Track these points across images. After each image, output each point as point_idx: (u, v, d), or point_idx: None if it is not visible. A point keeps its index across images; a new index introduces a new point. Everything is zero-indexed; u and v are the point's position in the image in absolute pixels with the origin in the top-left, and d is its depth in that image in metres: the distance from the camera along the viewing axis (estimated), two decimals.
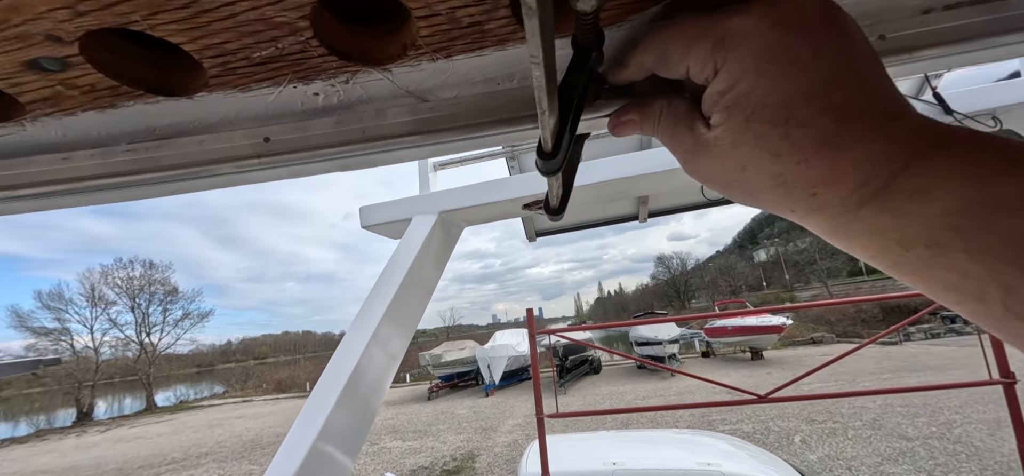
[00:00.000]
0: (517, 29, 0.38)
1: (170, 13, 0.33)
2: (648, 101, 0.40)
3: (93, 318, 43.59)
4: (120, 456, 16.69)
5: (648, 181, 1.60)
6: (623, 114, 0.42)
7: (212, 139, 0.49)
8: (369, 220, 1.67)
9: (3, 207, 0.55)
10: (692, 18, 0.34)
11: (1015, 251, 0.23)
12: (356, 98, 0.47)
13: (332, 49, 0.39)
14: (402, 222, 1.57)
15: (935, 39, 0.41)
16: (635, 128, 0.41)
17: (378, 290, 1.37)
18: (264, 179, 0.54)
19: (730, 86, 0.32)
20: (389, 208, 1.64)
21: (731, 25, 0.31)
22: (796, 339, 28.08)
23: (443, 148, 0.51)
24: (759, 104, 0.31)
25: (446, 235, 1.61)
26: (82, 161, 0.50)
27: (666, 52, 0.35)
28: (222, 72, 0.41)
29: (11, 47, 0.35)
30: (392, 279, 1.37)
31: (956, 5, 0.40)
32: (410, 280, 1.39)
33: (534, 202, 1.53)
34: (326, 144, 0.48)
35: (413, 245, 1.42)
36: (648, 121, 0.40)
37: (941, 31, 0.41)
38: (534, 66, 0.28)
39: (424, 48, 0.40)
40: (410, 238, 1.44)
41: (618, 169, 1.57)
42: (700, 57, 0.32)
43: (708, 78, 0.33)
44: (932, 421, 9.71)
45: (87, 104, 0.44)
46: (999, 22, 0.41)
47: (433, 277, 1.57)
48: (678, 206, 2.44)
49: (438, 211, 1.51)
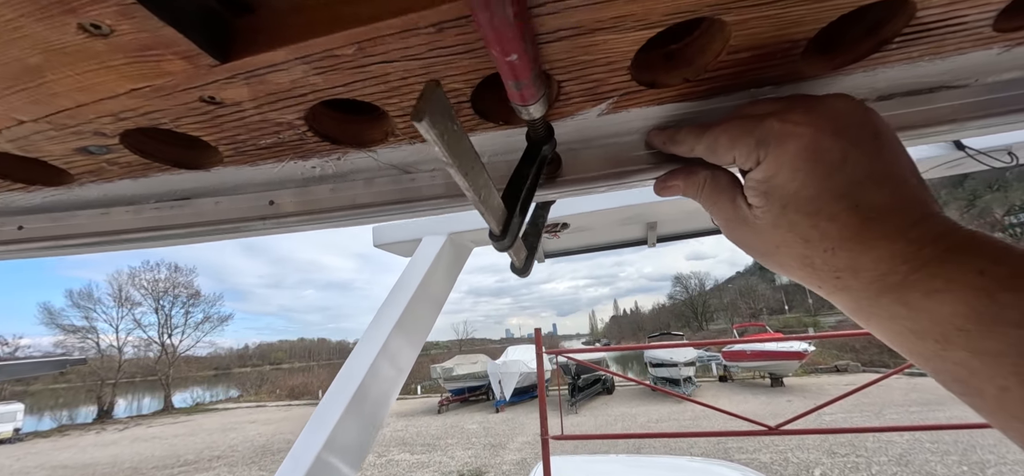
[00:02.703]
0: (481, 121, 0.45)
1: (192, 118, 0.42)
2: (693, 170, 0.45)
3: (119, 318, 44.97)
4: (136, 455, 17.03)
5: (657, 207, 1.59)
6: (669, 179, 0.47)
7: (226, 201, 0.58)
8: (381, 239, 1.71)
9: (54, 252, 0.66)
10: (738, 117, 0.39)
11: (1013, 358, 0.26)
12: (348, 170, 0.54)
13: (325, 136, 0.47)
14: (413, 242, 1.60)
15: (893, 123, 0.44)
16: (678, 192, 0.46)
17: (388, 306, 1.39)
18: (269, 234, 0.64)
19: (768, 177, 0.36)
20: (400, 228, 1.68)
21: (772, 126, 0.35)
22: (819, 366, 27.15)
23: (426, 212, 0.57)
24: (794, 196, 0.35)
25: (455, 254, 1.63)
26: (118, 216, 0.60)
27: (716, 145, 0.40)
28: (234, 153, 0.50)
29: (66, 138, 0.44)
30: (402, 296, 1.40)
31: (889, 96, 0.44)
32: (419, 297, 1.41)
33: None
34: (324, 209, 0.56)
35: (423, 264, 1.45)
36: (692, 188, 0.45)
37: (893, 118, 0.45)
38: (457, 178, 0.32)
39: (402, 135, 0.47)
40: (420, 257, 1.47)
41: (627, 196, 1.57)
42: (744, 151, 0.37)
43: (751, 168, 0.38)
44: (964, 460, 9.21)
45: (123, 174, 0.54)
46: (933, 112, 0.45)
47: (442, 294, 1.59)
48: (687, 232, 2.42)
49: (448, 232, 1.54)
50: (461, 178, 0.32)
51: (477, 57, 0.36)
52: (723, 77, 0.42)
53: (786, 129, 0.35)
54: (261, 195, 0.57)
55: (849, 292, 0.34)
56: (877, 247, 0.32)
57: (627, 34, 0.35)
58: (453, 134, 0.29)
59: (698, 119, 0.45)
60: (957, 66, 0.44)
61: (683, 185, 0.45)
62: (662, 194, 0.47)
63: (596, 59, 0.38)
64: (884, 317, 0.33)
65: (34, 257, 0.67)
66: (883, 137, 0.34)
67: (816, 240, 0.34)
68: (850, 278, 0.33)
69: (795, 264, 0.37)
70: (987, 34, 0.39)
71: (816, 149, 0.34)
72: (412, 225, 1.65)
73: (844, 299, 0.35)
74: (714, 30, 0.38)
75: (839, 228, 0.33)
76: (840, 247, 0.33)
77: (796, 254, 0.36)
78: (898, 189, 0.33)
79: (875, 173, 0.33)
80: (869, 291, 0.33)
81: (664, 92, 0.43)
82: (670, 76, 0.42)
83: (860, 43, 0.40)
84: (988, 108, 0.45)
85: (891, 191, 0.33)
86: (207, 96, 0.38)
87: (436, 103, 0.26)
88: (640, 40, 0.36)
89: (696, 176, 0.44)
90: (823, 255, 0.34)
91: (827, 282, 0.36)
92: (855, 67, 0.42)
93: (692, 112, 0.46)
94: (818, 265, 0.35)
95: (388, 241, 1.69)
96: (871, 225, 0.32)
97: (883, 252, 0.31)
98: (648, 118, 0.47)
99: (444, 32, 0.33)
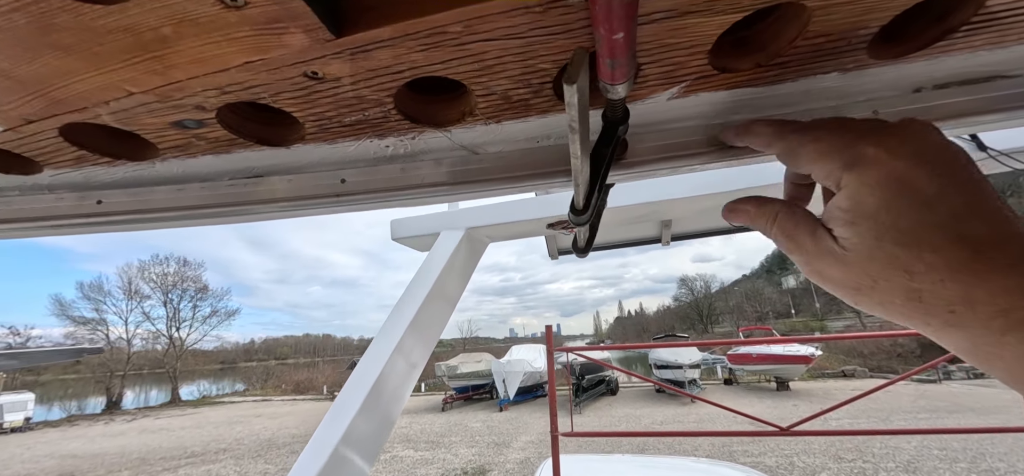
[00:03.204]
0: (556, 103, 0.47)
1: (290, 93, 0.44)
2: (764, 201, 0.43)
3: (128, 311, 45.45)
4: (144, 446, 17.23)
5: (672, 206, 1.60)
6: (740, 205, 0.45)
7: (298, 179, 0.60)
8: (400, 233, 1.72)
9: (131, 226, 0.68)
10: (826, 130, 0.38)
11: None
12: (419, 150, 0.57)
13: (406, 115, 0.49)
14: (430, 236, 1.61)
15: (926, 115, 0.45)
16: (747, 219, 0.45)
17: (404, 301, 1.41)
18: (339, 212, 0.66)
19: (856, 205, 0.35)
20: (419, 222, 1.69)
21: (864, 151, 0.34)
22: (826, 371, 26.93)
23: (489, 192, 0.61)
24: (889, 227, 0.33)
25: (471, 250, 1.64)
26: (193, 192, 0.63)
27: (798, 153, 0.39)
28: (317, 130, 0.52)
29: (167, 111, 0.46)
30: (418, 291, 1.41)
31: (945, 85, 0.44)
32: (435, 293, 1.43)
33: (558, 222, 1.56)
34: (393, 187, 0.58)
35: (440, 259, 1.46)
36: (762, 219, 0.43)
37: (932, 108, 0.45)
38: (573, 146, 0.34)
39: (479, 115, 0.49)
40: (437, 252, 1.48)
41: (642, 194, 1.58)
42: (827, 169, 0.37)
43: (831, 188, 0.37)
44: (973, 467, 9.10)
45: (206, 151, 0.56)
46: (985, 101, 0.46)
47: (457, 290, 1.60)
48: (701, 231, 2.41)
49: (466, 227, 1.55)
50: (579, 147, 0.34)
51: (571, 37, 0.37)
52: (793, 62, 0.43)
53: (880, 155, 0.34)
54: (334, 173, 0.59)
55: (965, 329, 0.32)
56: (990, 280, 0.30)
57: (715, 18, 0.36)
58: (584, 104, 0.30)
59: (764, 105, 0.46)
60: (1017, 55, 0.44)
61: (754, 212, 0.44)
62: (731, 219, 0.46)
63: (680, 42, 0.39)
64: (1011, 357, 0.30)
65: (111, 231, 0.68)
66: (972, 168, 0.34)
67: (922, 272, 0.32)
68: (966, 312, 0.31)
69: (899, 299, 0.35)
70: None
71: (911, 178, 0.33)
72: (430, 219, 1.66)
73: (958, 338, 0.33)
74: (792, 15, 0.39)
75: (946, 260, 0.31)
76: (950, 279, 0.31)
77: (899, 287, 0.34)
78: (996, 221, 0.32)
79: (972, 205, 0.32)
80: (990, 328, 0.30)
81: (735, 77, 0.45)
82: (741, 61, 0.43)
83: (926, 31, 0.41)
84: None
85: (990, 223, 0.31)
86: (310, 71, 0.40)
87: (584, 70, 0.28)
88: (726, 23, 0.37)
89: (767, 207, 0.42)
90: (933, 286, 0.32)
91: (938, 316, 0.33)
92: (917, 55, 0.43)
93: (758, 97, 0.48)
94: (927, 298, 0.33)
95: (406, 234, 1.70)
96: (979, 257, 0.30)
97: (998, 286, 0.30)
98: (715, 103, 0.48)
99: (549, 12, 0.34)
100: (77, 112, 0.44)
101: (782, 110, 0.48)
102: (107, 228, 0.67)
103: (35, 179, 0.61)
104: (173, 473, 12.89)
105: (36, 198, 0.64)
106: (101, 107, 0.44)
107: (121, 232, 0.70)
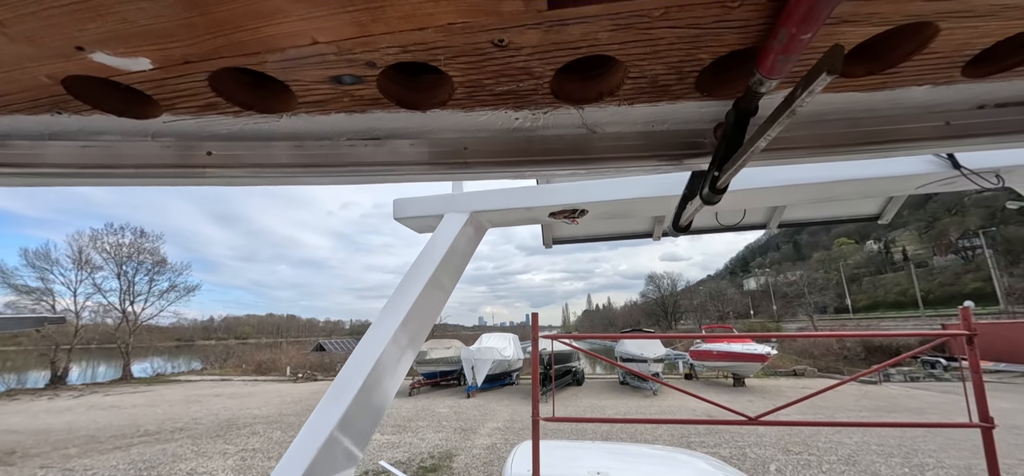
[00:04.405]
0: (689, 91, 0.51)
1: (466, 57, 0.45)
2: None
3: (77, 281, 42.72)
4: (92, 423, 16.41)
5: (665, 203, 1.68)
6: None
7: (422, 144, 0.60)
8: (402, 213, 1.71)
9: (238, 181, 0.66)
10: None
11: None
12: (543, 124, 0.58)
13: (552, 91, 0.52)
14: (433, 218, 1.62)
15: (988, 129, 0.53)
16: None
17: (405, 285, 1.41)
18: (460, 179, 0.65)
19: None
20: (423, 203, 1.69)
21: None
22: (779, 370, 28.31)
23: (599, 169, 0.63)
24: None
25: (471, 235, 1.67)
26: (311, 149, 0.61)
27: None
28: (464, 97, 0.52)
29: (337, 65, 0.45)
30: (420, 275, 1.42)
31: (1006, 104, 0.53)
32: (435, 278, 1.44)
33: (562, 211, 1.61)
34: (513, 160, 0.60)
35: (443, 242, 1.48)
36: None
37: (993, 123, 0.53)
38: (772, 130, 0.38)
39: (617, 96, 0.52)
40: (441, 234, 1.50)
41: (637, 189, 1.65)
42: None
43: None
44: (906, 462, 9.86)
45: (346, 109, 0.55)
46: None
47: (454, 277, 1.62)
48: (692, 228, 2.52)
49: (470, 210, 1.56)
50: (773, 129, 0.38)
51: (743, 33, 0.40)
52: (900, 73, 0.49)
53: None
54: (458, 140, 0.60)
55: None
56: None
57: (862, 27, 0.40)
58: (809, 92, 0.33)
59: (865, 107, 0.52)
60: None
61: None
62: None
63: (824, 45, 0.42)
64: None
65: (217, 184, 0.66)
66: None
67: None
68: None
69: None
70: None
71: None
72: (433, 201, 1.67)
73: None
74: (920, 31, 0.43)
75: None
76: None
77: None
78: None
79: None
80: None
81: (847, 81, 0.50)
82: (856, 67, 0.49)
83: (1007, 58, 0.47)
84: None
85: None
86: (498, 39, 0.41)
87: (835, 64, 0.31)
88: (869, 33, 0.41)
89: None
90: None
91: None
92: (995, 77, 0.49)
93: (862, 101, 0.53)
94: None
95: (409, 215, 1.69)
96: None
97: None
98: (826, 102, 0.54)
99: (742, 7, 0.37)
100: (245, 57, 0.43)
101: (877, 113, 0.55)
102: (213, 181, 0.65)
103: (145, 125, 0.58)
104: (125, 452, 12.35)
105: (139, 145, 0.61)
106: (274, 54, 0.43)
107: (226, 185, 0.66)
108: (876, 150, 0.59)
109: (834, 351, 32.95)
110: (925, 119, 0.56)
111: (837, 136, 0.57)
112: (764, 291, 76.10)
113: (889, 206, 2.37)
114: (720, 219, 2.16)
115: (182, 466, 10.75)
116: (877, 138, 0.57)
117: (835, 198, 1.91)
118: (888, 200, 2.36)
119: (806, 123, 0.57)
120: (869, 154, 0.60)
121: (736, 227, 2.29)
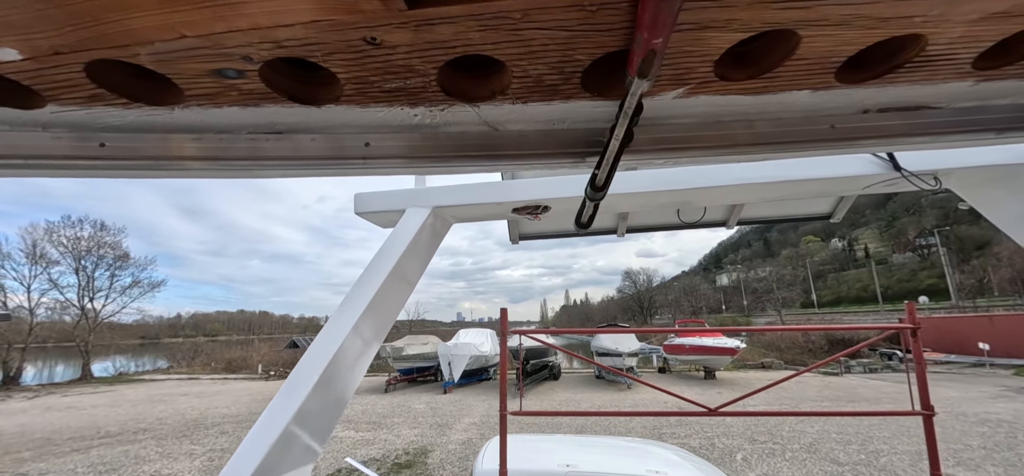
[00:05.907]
0: (579, 91, 0.54)
1: (343, 54, 0.45)
2: None
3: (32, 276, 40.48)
4: (48, 425, 15.63)
5: (629, 200, 1.72)
6: None
7: (323, 139, 0.61)
8: (364, 207, 1.70)
9: (134, 173, 0.65)
10: None
11: None
12: (444, 121, 0.61)
13: (443, 88, 0.53)
14: (395, 212, 1.61)
15: (870, 133, 0.58)
16: None
17: (365, 278, 1.40)
18: (362, 175, 0.65)
19: None
20: (385, 197, 1.68)
21: None
22: (747, 362, 29.26)
23: (506, 167, 0.66)
24: None
25: (436, 230, 1.67)
26: (211, 142, 0.61)
27: None
28: (354, 93, 0.53)
29: (214, 59, 0.46)
30: (380, 268, 1.41)
31: (888, 109, 0.58)
32: (397, 272, 1.43)
33: (525, 207, 1.62)
34: (416, 155, 0.62)
35: (404, 236, 1.47)
36: None
37: (875, 127, 0.58)
38: (619, 129, 0.43)
39: (509, 95, 0.55)
40: (402, 229, 1.49)
41: None
42: None
43: None
44: (862, 449, 10.38)
45: (235, 102, 0.55)
46: (914, 126, 0.57)
47: (418, 271, 1.62)
48: (656, 225, 2.59)
49: (432, 206, 1.56)
50: (622, 128, 0.41)
51: (611, 35, 0.43)
52: (778, 78, 0.53)
53: None
54: (360, 136, 0.61)
55: None
56: None
57: (728, 33, 0.44)
58: (643, 95, 0.36)
59: (751, 111, 0.57)
60: (942, 91, 0.56)
61: None
62: None
63: (695, 50, 0.46)
64: None
65: (112, 176, 0.65)
66: None
67: None
68: None
69: None
70: (967, 70, 0.52)
71: None
72: (396, 195, 1.65)
73: None
74: (786, 39, 0.47)
75: None
76: None
77: None
78: None
79: None
80: None
81: (730, 85, 0.54)
82: (737, 72, 0.53)
83: (879, 64, 0.52)
84: (961, 127, 0.59)
85: None
86: (371, 37, 0.42)
87: (645, 69, 0.34)
88: (735, 39, 0.45)
89: None
90: None
91: None
92: (870, 83, 0.54)
93: (746, 104, 0.58)
94: None
95: (371, 209, 1.67)
96: None
97: None
98: (712, 105, 0.58)
99: (600, 11, 0.39)
100: (114, 49, 0.43)
101: (768, 115, 0.60)
102: (108, 172, 0.65)
103: (33, 115, 0.58)
104: (84, 454, 11.82)
105: (29, 135, 0.60)
106: (144, 47, 0.43)
107: (122, 177, 0.66)
108: (770, 151, 0.65)
109: (800, 344, 34.28)
110: (811, 123, 0.60)
111: (735, 136, 0.62)
112: (735, 287, 78.48)
113: (840, 205, 2.50)
114: (681, 216, 2.23)
115: (146, 468, 10.36)
116: (770, 139, 0.62)
117: (789, 197, 1.99)
118: (839, 199, 2.47)
119: (707, 124, 0.61)
120: (764, 154, 0.66)
121: (697, 224, 2.37)
